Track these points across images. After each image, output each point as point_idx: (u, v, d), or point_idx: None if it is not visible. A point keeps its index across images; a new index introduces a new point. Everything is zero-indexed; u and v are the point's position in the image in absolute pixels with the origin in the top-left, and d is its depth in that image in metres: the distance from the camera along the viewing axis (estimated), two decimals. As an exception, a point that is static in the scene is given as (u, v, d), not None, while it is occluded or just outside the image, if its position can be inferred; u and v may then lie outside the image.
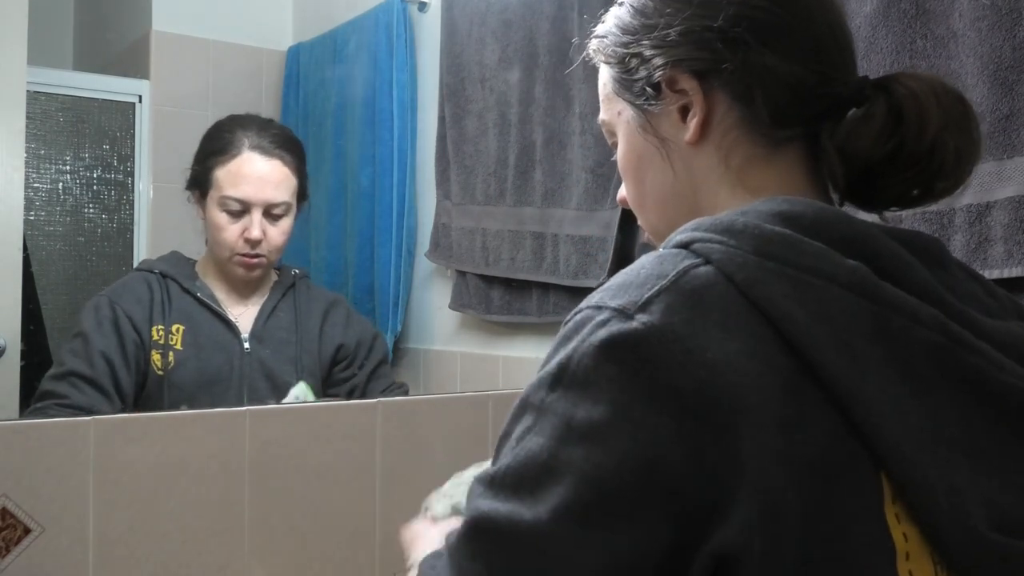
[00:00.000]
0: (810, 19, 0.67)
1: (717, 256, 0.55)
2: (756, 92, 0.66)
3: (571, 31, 1.57)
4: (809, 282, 0.55)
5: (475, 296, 1.77)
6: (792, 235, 0.56)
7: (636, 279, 0.56)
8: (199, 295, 1.44)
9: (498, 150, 1.72)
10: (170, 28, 2.12)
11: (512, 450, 0.55)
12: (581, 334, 0.55)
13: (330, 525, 1.20)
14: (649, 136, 0.71)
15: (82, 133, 1.99)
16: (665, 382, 0.51)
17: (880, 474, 0.53)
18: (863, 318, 0.55)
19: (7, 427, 1.02)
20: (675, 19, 0.67)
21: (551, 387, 0.55)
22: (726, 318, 0.53)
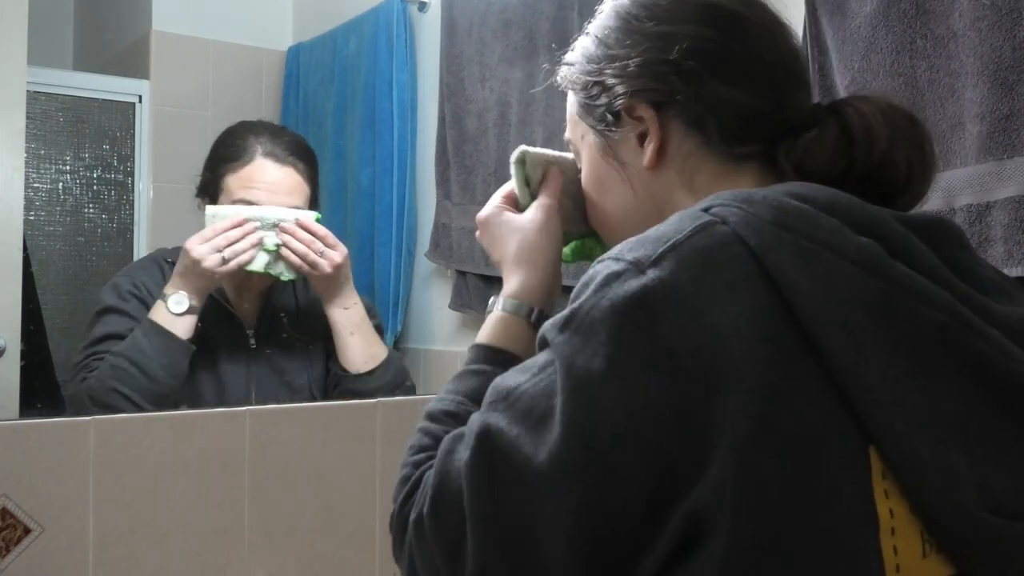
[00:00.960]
0: (761, 52, 0.70)
1: (735, 219, 0.57)
2: (709, 120, 0.69)
3: (571, 31, 1.57)
4: (821, 255, 0.56)
5: (475, 296, 1.77)
6: (809, 209, 0.58)
7: (655, 233, 0.58)
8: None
9: (498, 150, 1.72)
10: (170, 28, 2.12)
11: (534, 375, 0.59)
12: (596, 281, 0.57)
13: (330, 525, 1.20)
14: (610, 159, 0.75)
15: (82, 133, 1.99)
16: (663, 341, 0.53)
17: (869, 450, 0.53)
18: (871, 295, 0.55)
19: (7, 427, 1.02)
20: (634, 51, 0.71)
21: (560, 328, 0.57)
22: (735, 279, 0.54)
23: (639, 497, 0.53)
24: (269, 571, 1.15)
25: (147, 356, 1.30)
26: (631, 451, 0.53)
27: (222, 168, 1.46)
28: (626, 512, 0.54)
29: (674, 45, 0.69)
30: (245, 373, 1.44)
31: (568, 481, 0.54)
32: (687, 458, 0.52)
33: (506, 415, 0.58)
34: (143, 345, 1.30)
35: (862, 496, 0.53)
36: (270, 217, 1.40)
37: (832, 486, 0.52)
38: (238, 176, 1.44)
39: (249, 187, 1.43)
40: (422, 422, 0.72)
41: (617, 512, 0.54)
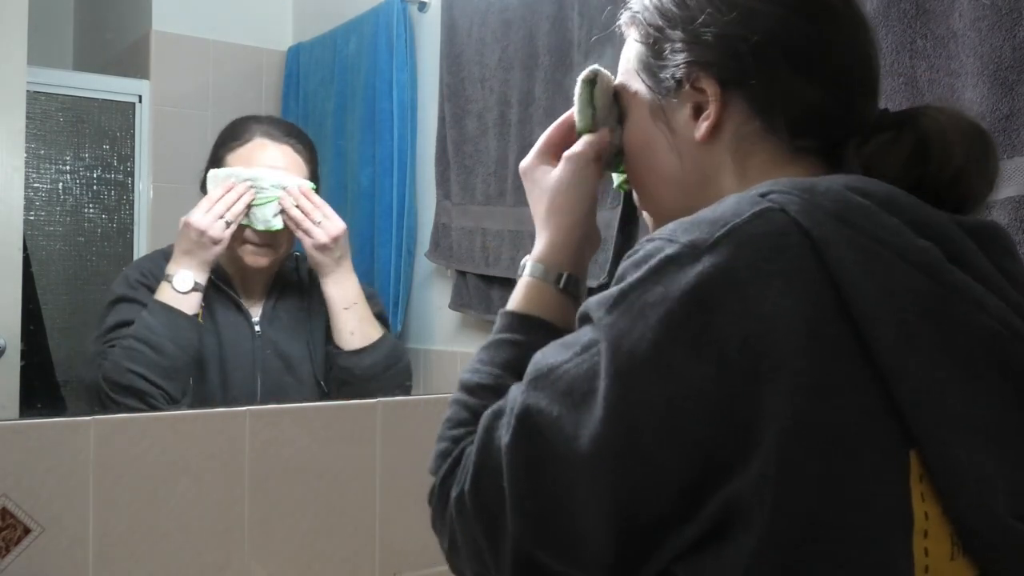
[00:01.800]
0: (844, 51, 0.67)
1: (795, 207, 0.55)
2: (777, 109, 0.66)
3: (571, 31, 1.57)
4: (881, 253, 0.55)
5: (475, 296, 1.77)
6: (872, 207, 0.57)
7: (711, 215, 0.56)
8: (213, 277, 1.46)
9: (498, 150, 1.72)
10: (170, 28, 2.12)
11: (576, 355, 0.57)
12: (649, 264, 0.55)
13: (330, 525, 1.20)
14: (660, 124, 0.72)
15: (82, 133, 1.99)
16: (714, 332, 0.52)
17: (910, 452, 0.53)
18: (927, 298, 0.55)
19: (7, 427, 1.02)
20: (714, 20, 0.67)
21: (609, 309, 0.56)
22: (791, 270, 0.53)
23: (674, 484, 0.53)
24: (269, 571, 1.15)
25: (156, 333, 1.33)
26: (670, 439, 0.53)
27: (222, 151, 1.49)
28: (660, 497, 0.54)
29: (758, 25, 0.65)
30: (251, 361, 1.46)
31: (607, 464, 0.54)
32: (727, 449, 0.52)
33: (547, 394, 0.57)
34: (151, 323, 1.33)
35: (899, 497, 0.53)
36: (266, 180, 1.43)
37: (870, 486, 0.52)
38: (237, 155, 1.48)
39: (248, 164, 1.47)
40: (458, 394, 0.70)
41: (651, 497, 0.54)
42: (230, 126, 1.54)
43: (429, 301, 1.93)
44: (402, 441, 1.26)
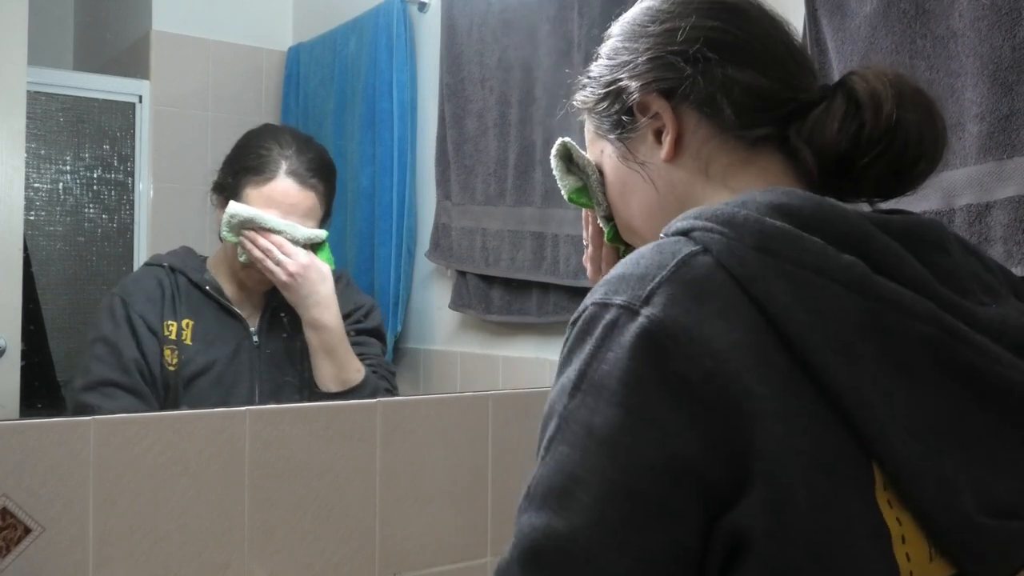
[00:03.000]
0: (764, 36, 0.72)
1: (717, 247, 0.56)
2: (721, 99, 0.70)
3: (571, 31, 1.57)
4: (807, 279, 0.56)
5: (475, 296, 1.77)
6: (792, 231, 0.58)
7: (636, 270, 0.57)
8: (207, 288, 1.45)
9: (498, 150, 1.72)
10: (170, 28, 2.12)
11: (541, 459, 0.57)
12: (593, 336, 0.56)
13: (330, 525, 1.20)
14: (630, 163, 0.76)
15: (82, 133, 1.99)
16: (675, 375, 0.53)
17: (871, 463, 0.54)
18: (858, 315, 0.56)
19: (7, 427, 1.02)
20: (641, 50, 0.73)
21: (571, 394, 0.56)
22: (726, 309, 0.54)
23: (693, 529, 0.53)
24: (269, 571, 1.15)
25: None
26: (675, 489, 0.52)
27: (244, 178, 1.47)
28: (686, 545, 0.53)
29: (677, 35, 0.71)
30: (249, 371, 1.45)
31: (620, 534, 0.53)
32: (722, 482, 0.52)
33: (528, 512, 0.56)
34: None
35: (871, 509, 0.54)
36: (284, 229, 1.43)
37: (847, 503, 0.53)
38: (260, 192, 1.45)
39: (268, 205, 1.44)
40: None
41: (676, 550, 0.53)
42: (254, 144, 1.51)
43: (429, 301, 1.93)
44: (402, 441, 1.26)
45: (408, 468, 1.26)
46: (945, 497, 0.55)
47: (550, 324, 1.65)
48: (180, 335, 1.42)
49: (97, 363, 1.37)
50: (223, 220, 1.44)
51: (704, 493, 0.52)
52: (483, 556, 1.31)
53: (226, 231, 1.44)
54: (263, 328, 1.50)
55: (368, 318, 1.59)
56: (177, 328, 1.42)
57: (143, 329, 1.39)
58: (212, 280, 1.48)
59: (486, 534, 1.31)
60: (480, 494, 1.31)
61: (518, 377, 1.70)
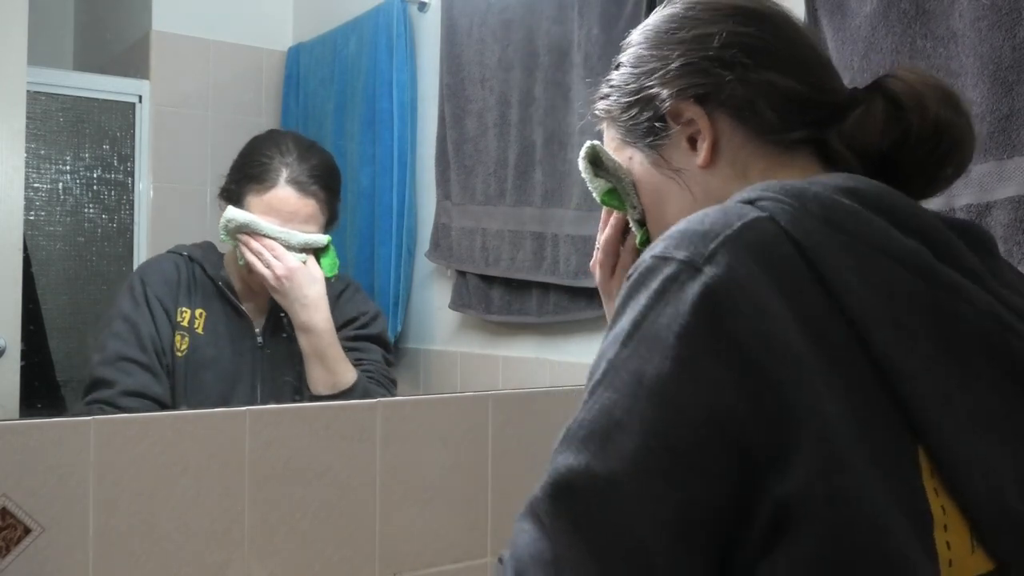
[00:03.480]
0: (792, 41, 0.72)
1: (785, 217, 0.56)
2: (759, 103, 0.70)
3: (571, 31, 1.57)
4: (873, 257, 0.56)
5: (475, 296, 1.77)
6: (860, 209, 0.58)
7: (700, 227, 0.57)
8: (220, 284, 1.48)
9: (498, 150, 1.72)
10: (170, 28, 2.12)
11: (586, 404, 0.57)
12: (650, 287, 0.56)
13: (330, 525, 1.20)
14: (663, 170, 0.75)
15: (82, 133, 1.99)
16: (732, 337, 0.53)
17: (918, 447, 0.54)
18: (920, 298, 0.56)
19: (7, 427, 1.02)
20: (671, 57, 0.72)
21: (623, 343, 0.56)
22: (788, 277, 0.55)
23: (725, 492, 0.53)
24: (269, 571, 1.15)
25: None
26: (713, 448, 0.53)
27: (246, 185, 1.48)
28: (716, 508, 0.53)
29: (711, 41, 0.70)
30: (251, 371, 1.46)
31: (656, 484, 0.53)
32: (767, 447, 0.52)
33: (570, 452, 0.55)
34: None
35: (917, 494, 0.54)
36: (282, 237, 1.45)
37: (895, 482, 0.53)
38: (260, 200, 1.47)
39: (268, 212, 1.46)
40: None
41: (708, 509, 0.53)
42: (256, 151, 1.52)
43: (429, 301, 1.93)
44: (402, 441, 1.26)
45: (408, 468, 1.26)
46: (990, 488, 0.55)
47: (550, 324, 1.65)
48: (193, 323, 1.44)
49: (115, 339, 1.39)
50: (220, 224, 1.46)
51: (744, 455, 0.52)
52: (483, 556, 1.31)
53: (223, 235, 1.47)
54: (267, 330, 1.51)
55: (371, 325, 1.59)
56: (190, 316, 1.45)
57: (159, 310, 1.42)
58: (225, 277, 1.50)
59: (486, 534, 1.31)
60: (480, 494, 1.31)
61: (518, 377, 1.70)
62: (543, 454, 0.57)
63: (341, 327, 1.55)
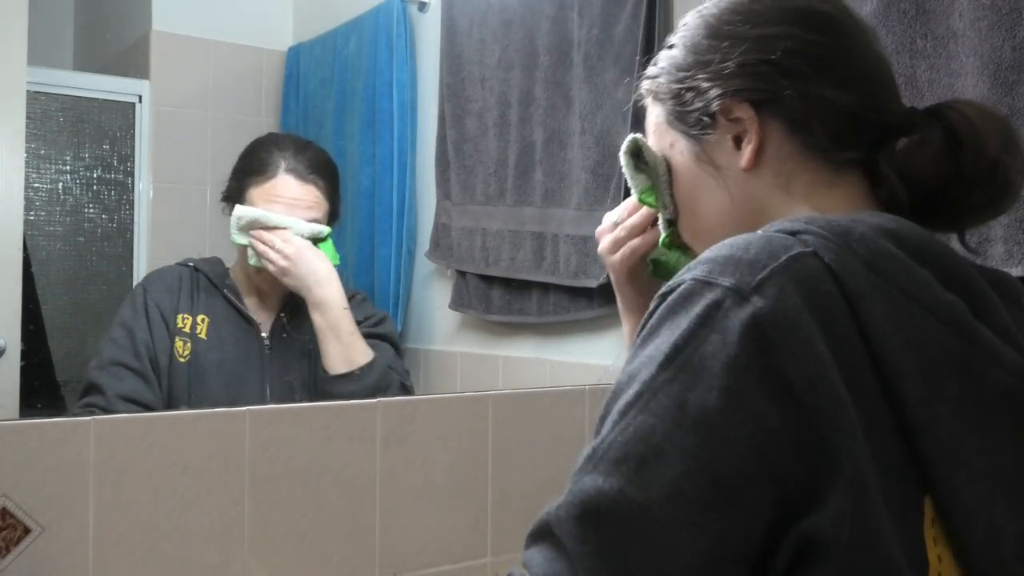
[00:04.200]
0: (860, 52, 0.69)
1: (830, 256, 0.56)
2: (814, 120, 0.67)
3: (571, 31, 1.57)
4: (910, 308, 0.56)
5: (475, 296, 1.77)
6: (904, 258, 0.58)
7: (745, 255, 0.56)
8: (225, 291, 1.50)
9: (498, 150, 1.72)
10: (170, 28, 2.12)
11: (616, 425, 0.55)
12: (692, 311, 0.55)
13: (330, 525, 1.20)
14: (704, 164, 0.73)
15: (82, 133, 1.99)
16: (779, 370, 0.52)
17: (924, 497, 0.55)
18: (951, 354, 0.56)
19: (7, 427, 1.02)
20: (731, 53, 0.69)
21: (662, 366, 0.54)
22: (831, 317, 0.54)
23: (761, 525, 0.53)
24: (269, 571, 1.15)
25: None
26: (754, 482, 0.52)
27: (246, 180, 1.51)
28: (747, 541, 0.53)
29: (776, 45, 0.68)
30: (259, 375, 1.47)
31: (693, 514, 0.52)
32: (802, 486, 0.52)
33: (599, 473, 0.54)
34: None
35: (918, 542, 0.54)
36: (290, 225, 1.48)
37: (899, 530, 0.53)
38: (261, 190, 1.50)
39: (271, 202, 1.49)
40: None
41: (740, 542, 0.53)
42: (255, 150, 1.55)
43: (429, 301, 1.93)
44: (402, 441, 1.26)
45: (408, 468, 1.26)
46: (991, 542, 0.55)
47: (550, 324, 1.65)
48: (195, 329, 1.46)
49: (112, 345, 1.42)
50: (231, 223, 1.48)
51: (781, 492, 0.52)
52: (483, 556, 1.31)
53: (235, 233, 1.48)
54: (274, 333, 1.53)
55: (381, 324, 1.61)
56: (192, 322, 1.47)
57: (156, 317, 1.45)
58: (231, 284, 1.52)
59: (486, 534, 1.31)
60: (480, 494, 1.31)
61: (518, 377, 1.70)
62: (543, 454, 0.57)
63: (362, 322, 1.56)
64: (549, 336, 1.66)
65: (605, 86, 1.50)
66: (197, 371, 1.45)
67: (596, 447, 0.55)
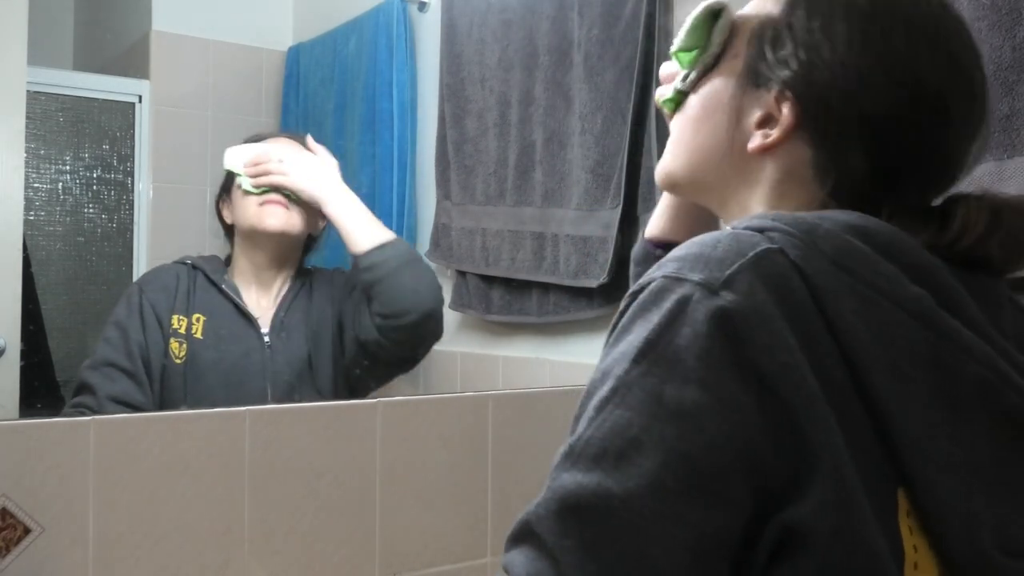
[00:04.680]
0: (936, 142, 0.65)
1: (795, 253, 0.56)
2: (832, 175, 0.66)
3: (571, 31, 1.57)
4: (877, 302, 0.56)
5: (475, 296, 1.77)
6: (870, 253, 0.58)
7: (713, 252, 0.56)
8: (223, 287, 1.49)
9: (498, 150, 1.72)
10: (170, 28, 2.12)
11: (592, 421, 0.55)
12: (662, 307, 0.55)
13: (330, 525, 1.20)
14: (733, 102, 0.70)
15: (82, 133, 1.99)
16: (752, 362, 0.53)
17: (898, 488, 0.55)
18: (919, 346, 0.57)
19: (7, 427, 1.02)
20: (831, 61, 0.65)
21: (635, 361, 0.54)
22: (798, 312, 0.55)
23: (742, 516, 0.53)
24: (269, 571, 1.15)
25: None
26: (734, 471, 0.52)
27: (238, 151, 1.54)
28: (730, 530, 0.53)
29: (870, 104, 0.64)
30: (261, 371, 1.47)
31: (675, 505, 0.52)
32: (781, 476, 0.53)
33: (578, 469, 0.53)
34: None
35: (893, 531, 0.54)
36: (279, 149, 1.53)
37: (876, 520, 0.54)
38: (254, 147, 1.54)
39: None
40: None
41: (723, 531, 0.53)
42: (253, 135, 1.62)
43: (429, 301, 1.92)
44: (402, 441, 1.26)
45: (408, 468, 1.26)
46: (968, 532, 0.56)
47: (550, 324, 1.65)
48: (190, 329, 1.46)
49: (105, 344, 1.43)
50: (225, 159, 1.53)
51: (761, 482, 0.53)
52: (483, 556, 1.31)
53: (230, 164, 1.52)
54: (275, 329, 1.52)
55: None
56: (187, 323, 1.46)
57: (151, 317, 1.44)
58: (229, 282, 1.52)
59: (486, 534, 1.31)
60: (480, 494, 1.31)
61: (518, 377, 1.70)
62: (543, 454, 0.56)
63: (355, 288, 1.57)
64: (549, 336, 1.66)
65: (605, 86, 1.50)
66: (194, 371, 1.45)
67: (573, 444, 0.55)
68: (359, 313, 1.51)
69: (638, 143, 1.49)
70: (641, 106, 1.47)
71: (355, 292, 1.53)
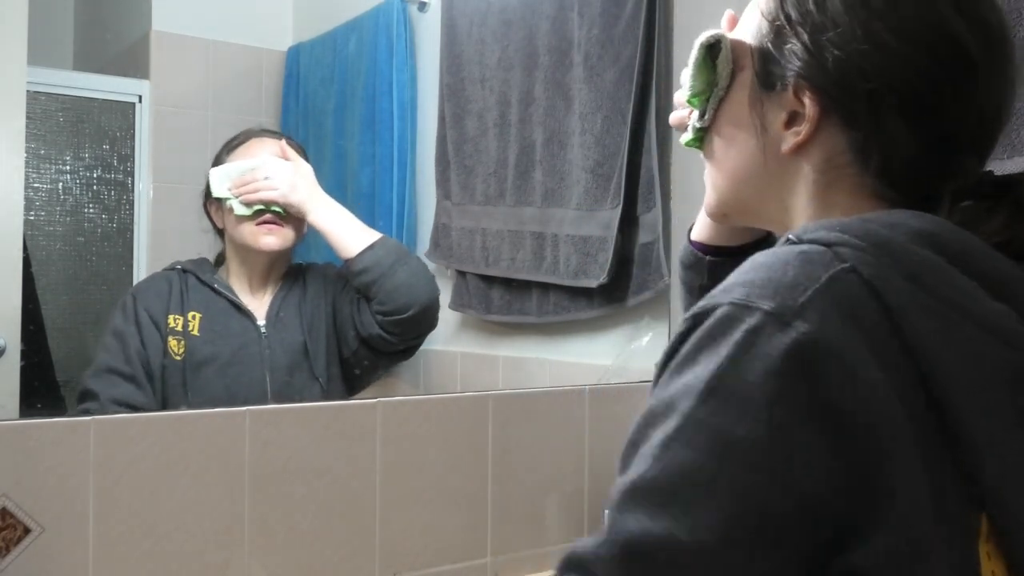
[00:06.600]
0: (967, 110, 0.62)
1: (868, 271, 0.53)
2: (873, 153, 0.63)
3: (571, 31, 1.57)
4: (956, 322, 0.54)
5: (475, 296, 1.77)
6: (945, 266, 0.55)
7: (784, 278, 0.53)
8: (216, 286, 1.52)
9: (498, 150, 1.72)
10: (170, 28, 2.12)
11: (655, 458, 0.53)
12: (732, 339, 0.52)
13: (330, 525, 1.20)
14: (755, 114, 0.68)
15: (82, 133, 1.99)
16: (826, 400, 0.50)
17: (979, 514, 0.53)
18: (1003, 366, 0.54)
19: (7, 427, 1.02)
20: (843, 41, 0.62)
21: (702, 398, 0.52)
22: (875, 337, 0.52)
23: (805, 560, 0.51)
24: (269, 571, 1.15)
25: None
26: (803, 517, 0.51)
27: (222, 153, 1.57)
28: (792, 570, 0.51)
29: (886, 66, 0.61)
30: (259, 363, 1.49)
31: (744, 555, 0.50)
32: (846, 517, 0.51)
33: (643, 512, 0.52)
34: None
35: (972, 557, 0.53)
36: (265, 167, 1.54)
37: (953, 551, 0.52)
38: (236, 153, 1.56)
39: (245, 156, 1.55)
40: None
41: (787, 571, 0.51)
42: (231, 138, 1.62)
43: (429, 301, 1.92)
44: (402, 441, 1.26)
45: (408, 468, 1.26)
46: None
47: (550, 324, 1.64)
48: (187, 326, 1.48)
49: (105, 352, 1.46)
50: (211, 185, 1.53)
51: (827, 523, 0.51)
52: (483, 556, 1.31)
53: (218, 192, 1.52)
54: (270, 322, 1.54)
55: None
56: (184, 321, 1.48)
57: (147, 322, 1.47)
58: (221, 280, 1.54)
59: (486, 534, 1.31)
60: (480, 494, 1.31)
61: (518, 377, 1.70)
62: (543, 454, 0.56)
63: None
64: (549, 336, 1.66)
65: (605, 86, 1.50)
66: (193, 366, 1.47)
67: (636, 482, 0.53)
68: (359, 311, 1.53)
69: (638, 143, 1.49)
70: (641, 106, 1.47)
71: (349, 288, 1.55)
